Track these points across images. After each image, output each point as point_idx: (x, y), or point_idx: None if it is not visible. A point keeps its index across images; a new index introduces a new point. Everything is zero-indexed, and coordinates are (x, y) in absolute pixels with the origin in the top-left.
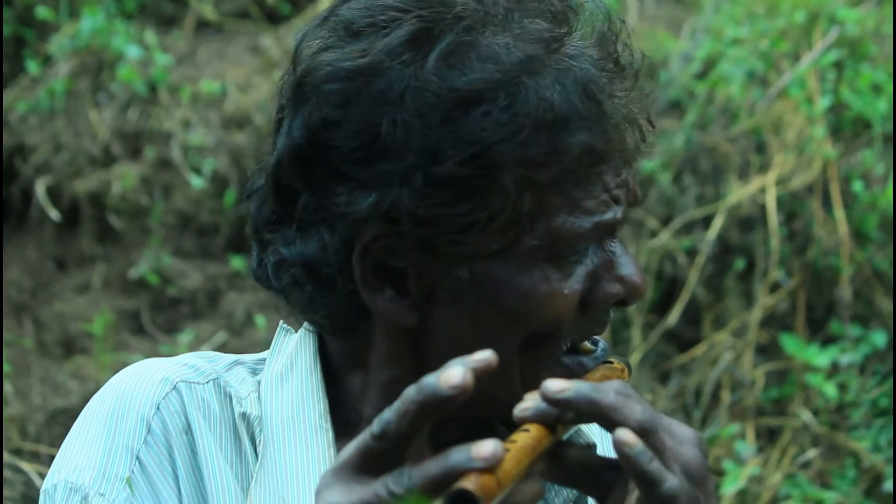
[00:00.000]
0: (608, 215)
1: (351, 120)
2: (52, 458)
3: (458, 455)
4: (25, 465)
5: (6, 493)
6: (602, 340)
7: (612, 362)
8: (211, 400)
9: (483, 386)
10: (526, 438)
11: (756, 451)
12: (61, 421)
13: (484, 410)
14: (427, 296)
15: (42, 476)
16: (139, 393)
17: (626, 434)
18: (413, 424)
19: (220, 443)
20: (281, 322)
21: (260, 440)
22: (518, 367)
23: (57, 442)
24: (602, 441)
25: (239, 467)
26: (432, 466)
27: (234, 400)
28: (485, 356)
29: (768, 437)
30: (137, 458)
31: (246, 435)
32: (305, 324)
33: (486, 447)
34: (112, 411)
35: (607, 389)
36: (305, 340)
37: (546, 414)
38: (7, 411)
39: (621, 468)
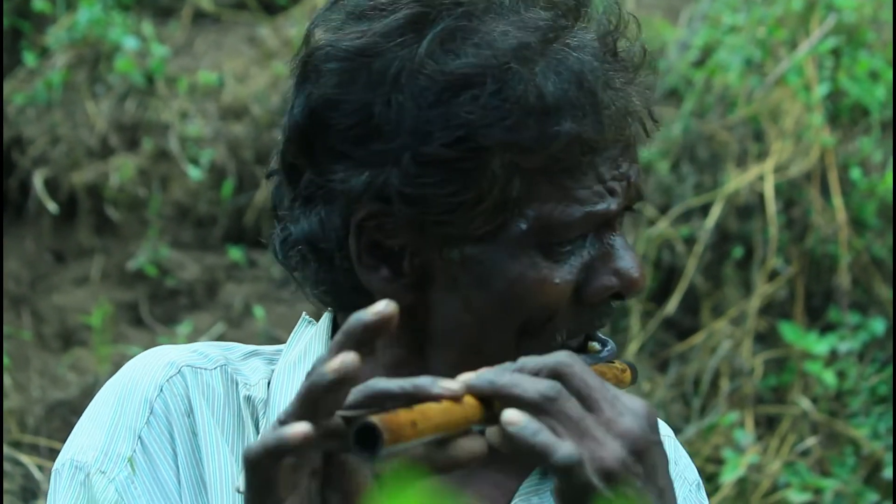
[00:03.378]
0: (601, 206)
1: (348, 99)
2: (51, 450)
3: (424, 379)
4: (24, 458)
5: (6, 485)
6: (611, 343)
7: (613, 362)
8: (216, 385)
9: None
10: (467, 400)
11: (755, 439)
12: (60, 413)
13: None
14: (422, 276)
15: (41, 468)
16: (145, 376)
17: (509, 414)
18: (307, 409)
19: (223, 426)
20: (304, 314)
21: (263, 423)
22: (514, 352)
23: (56, 434)
24: None
25: (239, 448)
26: (359, 392)
27: (241, 385)
28: (380, 307)
29: (767, 425)
30: (140, 438)
31: (250, 419)
32: (326, 314)
33: (451, 382)
34: (119, 393)
35: (509, 372)
36: (321, 329)
37: (487, 385)
38: (6, 404)
39: None
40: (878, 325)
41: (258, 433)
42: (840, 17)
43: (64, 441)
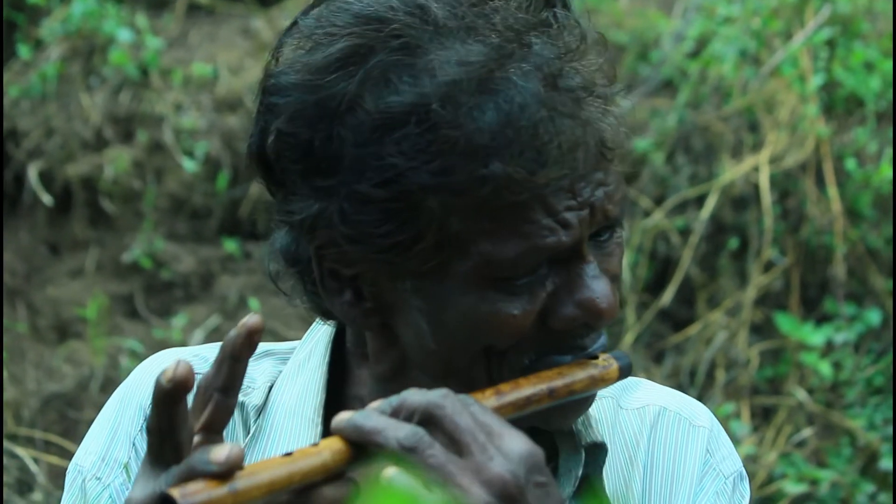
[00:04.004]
0: (550, 239)
1: (292, 132)
2: (46, 443)
3: (197, 457)
4: (20, 451)
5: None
6: (602, 336)
7: (596, 357)
8: None
9: (467, 381)
10: (311, 451)
11: (751, 430)
12: (55, 406)
13: None
14: (382, 302)
15: (37, 461)
16: (143, 382)
17: (387, 470)
18: (160, 420)
19: None
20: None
21: (256, 427)
22: (484, 371)
23: (51, 427)
24: (611, 439)
25: None
26: (182, 465)
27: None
28: (245, 319)
29: (763, 416)
30: (134, 444)
31: (241, 425)
32: None
33: (221, 451)
34: (121, 399)
35: (377, 416)
36: (328, 330)
37: (355, 432)
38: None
39: None
40: (874, 316)
41: (248, 436)
42: (835, 8)
43: (59, 433)
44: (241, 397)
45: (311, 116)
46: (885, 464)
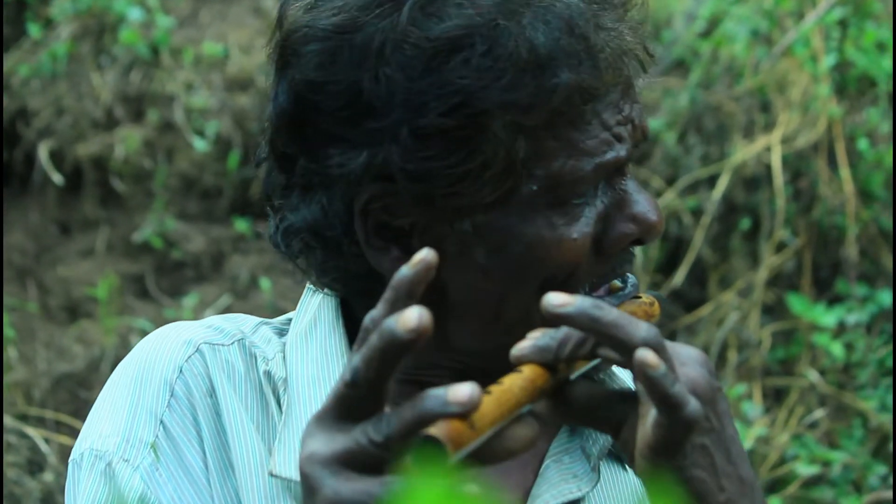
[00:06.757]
0: (610, 155)
1: (333, 80)
2: (57, 423)
3: (432, 400)
4: (31, 431)
5: (12, 458)
6: (632, 276)
7: (640, 296)
8: (235, 361)
9: (508, 337)
10: (515, 380)
11: (763, 411)
12: (66, 386)
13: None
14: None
15: (47, 441)
16: (162, 356)
17: (648, 355)
18: (380, 370)
19: (246, 403)
20: (308, 283)
21: (285, 399)
22: (538, 314)
23: (62, 407)
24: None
25: (265, 427)
26: (408, 411)
27: (260, 359)
28: (421, 255)
29: (775, 398)
30: (161, 422)
31: (272, 394)
32: None
33: (461, 391)
34: (136, 376)
35: (610, 307)
36: (328, 298)
37: (542, 352)
38: (12, 376)
39: (633, 398)
40: (886, 297)
41: (281, 411)
42: None
43: (70, 413)
44: (264, 366)
45: (353, 58)
46: None
